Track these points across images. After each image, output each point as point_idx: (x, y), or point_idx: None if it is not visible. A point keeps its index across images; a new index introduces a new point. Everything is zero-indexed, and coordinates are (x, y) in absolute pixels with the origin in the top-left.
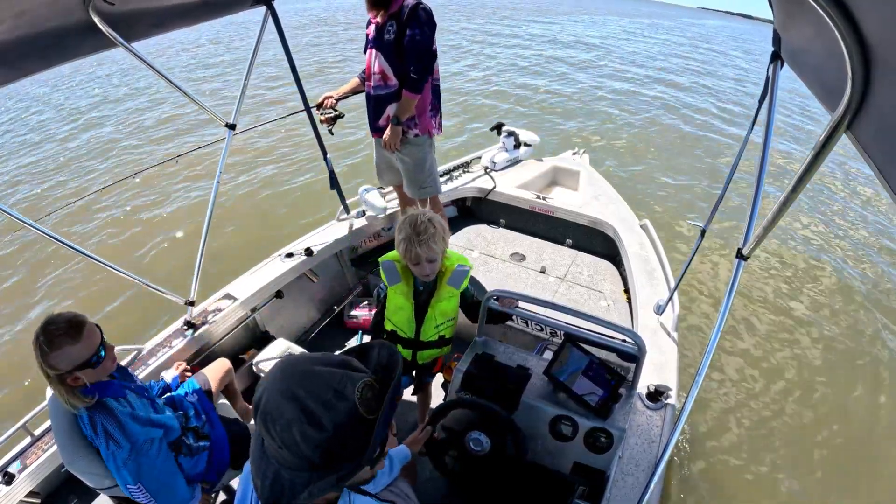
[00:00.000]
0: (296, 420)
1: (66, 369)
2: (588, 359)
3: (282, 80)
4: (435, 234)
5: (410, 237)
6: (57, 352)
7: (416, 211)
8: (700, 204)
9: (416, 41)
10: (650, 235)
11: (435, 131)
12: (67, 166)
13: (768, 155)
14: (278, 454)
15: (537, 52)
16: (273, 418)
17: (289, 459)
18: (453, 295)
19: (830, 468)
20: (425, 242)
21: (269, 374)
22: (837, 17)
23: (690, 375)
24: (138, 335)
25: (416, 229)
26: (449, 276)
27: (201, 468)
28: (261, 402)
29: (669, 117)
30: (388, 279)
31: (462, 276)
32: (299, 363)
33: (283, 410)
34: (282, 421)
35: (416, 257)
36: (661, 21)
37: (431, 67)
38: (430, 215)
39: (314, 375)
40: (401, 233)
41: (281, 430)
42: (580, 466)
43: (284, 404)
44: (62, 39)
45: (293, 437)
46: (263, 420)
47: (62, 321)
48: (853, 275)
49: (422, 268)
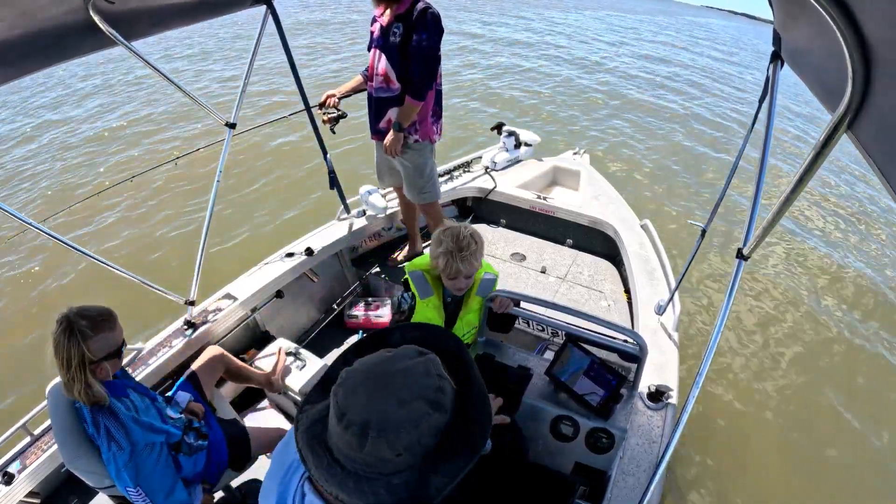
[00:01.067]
0: (424, 415)
1: (100, 356)
2: (589, 359)
3: (283, 80)
4: (476, 251)
5: (452, 252)
6: (99, 336)
7: (457, 224)
8: (700, 204)
9: (423, 47)
10: (650, 235)
11: (436, 137)
12: (67, 166)
13: (768, 155)
14: (391, 464)
15: (537, 50)
16: (396, 429)
17: (404, 463)
18: (480, 304)
19: (834, 468)
20: (467, 259)
21: (354, 393)
22: (838, 16)
23: (691, 376)
24: (138, 335)
25: (458, 244)
26: (478, 287)
27: (200, 468)
28: (370, 422)
29: (669, 118)
30: (420, 291)
31: (490, 284)
32: (384, 369)
33: (403, 416)
34: (407, 425)
35: (455, 272)
36: (663, 18)
37: (436, 74)
38: (471, 230)
39: (410, 371)
40: (440, 245)
41: (407, 433)
42: (581, 466)
43: (402, 410)
44: (62, 38)
45: (420, 434)
46: (384, 436)
47: (97, 309)
48: (856, 274)
49: (458, 282)
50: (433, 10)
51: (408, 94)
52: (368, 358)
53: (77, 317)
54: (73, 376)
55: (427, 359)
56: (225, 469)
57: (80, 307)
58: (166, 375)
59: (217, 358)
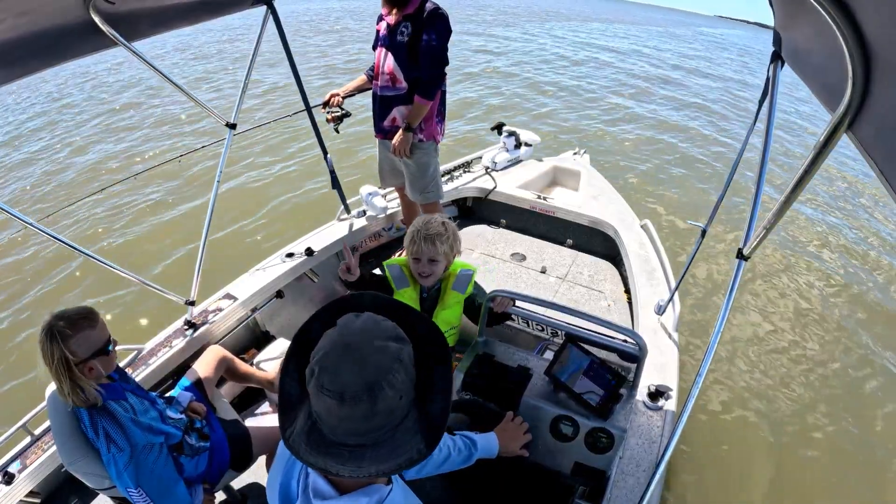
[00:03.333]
0: (399, 350)
1: (85, 355)
2: (589, 359)
3: (283, 79)
4: (443, 235)
5: (419, 230)
6: (79, 335)
7: (438, 215)
8: (700, 204)
9: (433, 46)
10: (650, 235)
11: (440, 137)
12: (66, 166)
13: (769, 155)
14: (399, 388)
15: (539, 55)
16: (385, 373)
17: (406, 404)
18: (458, 301)
19: (834, 469)
20: (430, 239)
21: (331, 379)
22: (838, 16)
23: (691, 376)
24: (138, 335)
25: (427, 226)
26: (454, 281)
27: (202, 469)
28: (369, 384)
29: (670, 118)
30: (396, 282)
31: (467, 279)
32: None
33: (386, 364)
34: (395, 364)
35: (417, 251)
36: (676, 29)
37: (444, 73)
38: (448, 222)
39: (370, 330)
40: (413, 227)
41: (397, 374)
42: (581, 466)
43: (381, 358)
44: (63, 39)
45: (405, 367)
46: (381, 390)
47: (75, 309)
48: (857, 274)
49: (422, 265)
50: (442, 10)
51: (417, 94)
52: (331, 337)
53: (55, 319)
54: (59, 378)
55: (367, 315)
56: (226, 469)
57: (58, 311)
58: (166, 375)
59: (218, 358)
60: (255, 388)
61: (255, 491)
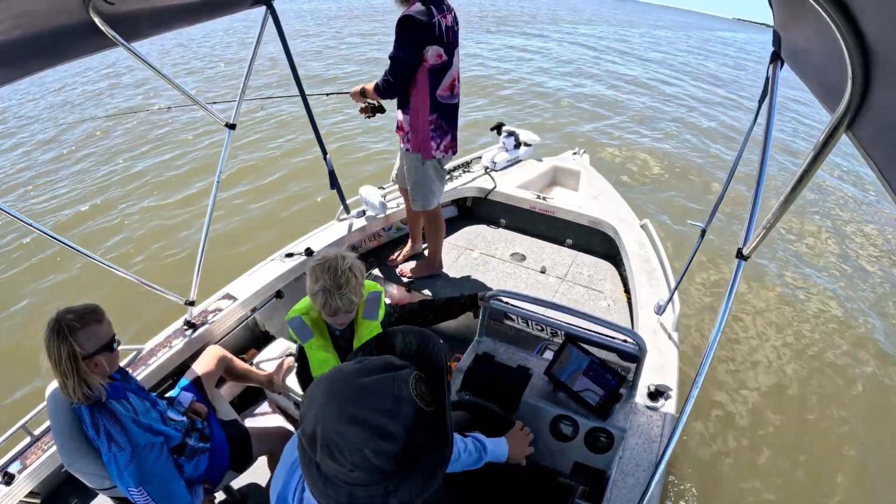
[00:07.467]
0: (365, 440)
1: (92, 350)
2: (588, 359)
3: (283, 79)
4: (356, 285)
5: (330, 290)
6: (86, 328)
7: (333, 254)
8: (700, 204)
9: (390, 54)
10: (650, 235)
11: (436, 153)
12: (66, 167)
13: (768, 155)
14: (349, 477)
15: (550, 57)
16: (339, 447)
17: (362, 478)
18: (373, 330)
19: (832, 468)
20: (346, 296)
21: (313, 399)
22: (838, 16)
23: (691, 375)
24: (138, 335)
25: (336, 281)
26: (363, 310)
27: (202, 469)
28: (316, 432)
29: (670, 118)
30: (300, 336)
31: (375, 303)
32: (344, 380)
33: (347, 436)
34: (349, 447)
35: (335, 310)
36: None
37: (398, 83)
38: (350, 261)
39: (366, 389)
40: (317, 282)
41: (350, 454)
42: (580, 466)
43: (347, 429)
44: (62, 39)
45: (365, 457)
46: (327, 450)
47: (81, 306)
48: (858, 274)
49: (339, 318)
50: (407, 14)
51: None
52: (343, 365)
53: (63, 313)
54: (65, 373)
55: (395, 375)
56: (226, 470)
57: (65, 308)
58: (166, 375)
59: (218, 358)
60: (254, 388)
61: (255, 491)
